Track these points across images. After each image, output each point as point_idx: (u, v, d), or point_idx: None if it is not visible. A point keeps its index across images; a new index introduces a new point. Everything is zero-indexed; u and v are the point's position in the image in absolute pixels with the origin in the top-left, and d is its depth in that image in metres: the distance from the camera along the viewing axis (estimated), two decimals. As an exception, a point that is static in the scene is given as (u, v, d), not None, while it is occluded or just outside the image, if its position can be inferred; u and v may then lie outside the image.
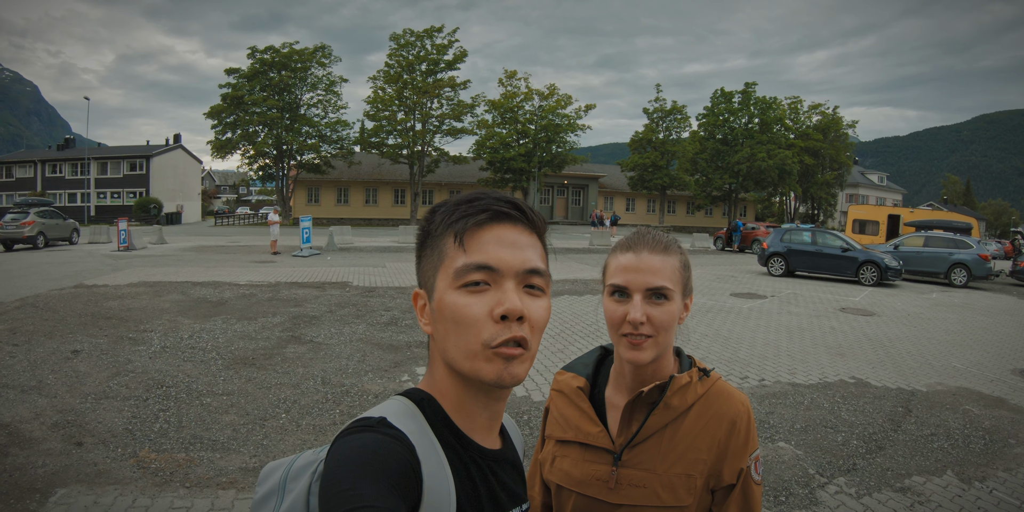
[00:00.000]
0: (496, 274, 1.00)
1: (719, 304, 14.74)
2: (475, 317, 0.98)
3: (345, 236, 32.33)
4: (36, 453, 5.22)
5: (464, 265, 0.99)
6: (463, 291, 1.00)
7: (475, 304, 0.99)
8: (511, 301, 0.98)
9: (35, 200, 31.34)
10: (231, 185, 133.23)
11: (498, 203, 1.04)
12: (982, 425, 6.74)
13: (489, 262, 1.00)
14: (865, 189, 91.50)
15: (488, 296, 0.99)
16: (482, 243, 1.01)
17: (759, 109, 63.14)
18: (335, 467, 0.87)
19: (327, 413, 6.44)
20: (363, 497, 0.81)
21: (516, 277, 1.01)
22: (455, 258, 1.01)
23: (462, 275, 0.99)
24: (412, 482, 0.90)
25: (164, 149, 72.00)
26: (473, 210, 1.02)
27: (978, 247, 22.57)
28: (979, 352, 10.47)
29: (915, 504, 4.80)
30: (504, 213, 1.04)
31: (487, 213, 1.02)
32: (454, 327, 0.99)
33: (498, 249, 1.01)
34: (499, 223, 1.03)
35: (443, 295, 1.01)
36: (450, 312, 1.00)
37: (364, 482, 0.83)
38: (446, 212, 1.05)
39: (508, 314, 0.98)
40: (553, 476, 1.62)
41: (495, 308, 0.98)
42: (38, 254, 24.46)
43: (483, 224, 1.02)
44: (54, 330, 9.70)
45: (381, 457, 0.88)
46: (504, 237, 1.03)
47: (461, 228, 1.01)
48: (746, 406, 1.55)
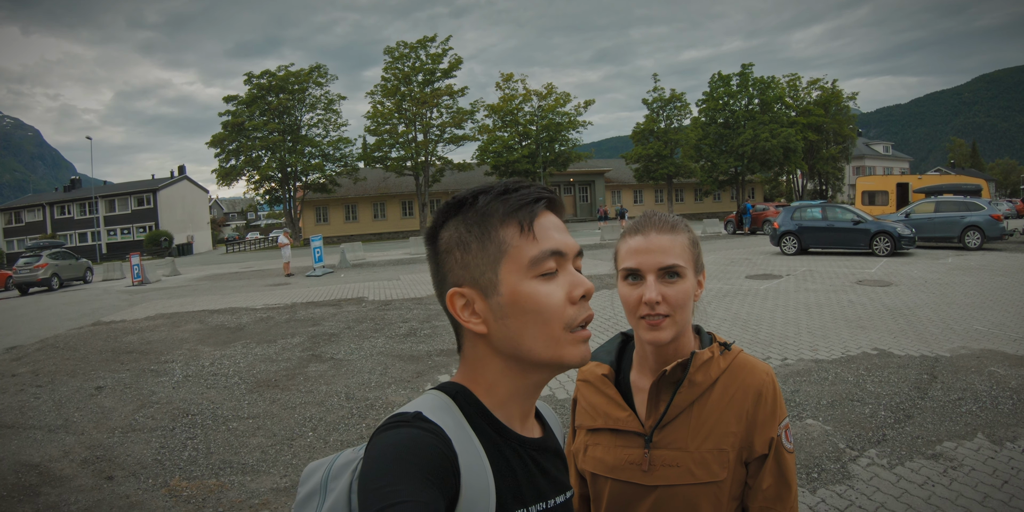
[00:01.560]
0: (563, 259, 1.03)
1: (735, 287, 14.70)
2: (559, 302, 1.00)
3: (357, 252, 32.43)
4: (68, 490, 5.25)
5: (541, 252, 1.01)
6: (539, 280, 1.01)
7: (556, 290, 1.01)
8: (586, 282, 1.03)
9: (46, 243, 31.64)
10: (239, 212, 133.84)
11: (544, 191, 1.06)
12: (1009, 385, 6.69)
13: (560, 248, 1.02)
14: (871, 160, 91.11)
15: (561, 280, 1.02)
16: (546, 229, 1.03)
17: (758, 89, 62.97)
18: (371, 464, 0.87)
19: (354, 428, 6.46)
20: (400, 493, 0.81)
21: (574, 259, 1.06)
22: (526, 247, 1.01)
23: (539, 263, 1.01)
24: (449, 475, 0.89)
25: (170, 182, 72.44)
26: (528, 199, 1.04)
27: (989, 208, 22.37)
28: (1000, 313, 10.40)
29: (948, 469, 4.77)
30: (553, 200, 1.07)
31: (543, 201, 1.05)
32: (535, 317, 1.00)
33: (558, 234, 1.04)
34: (549, 210, 1.07)
35: (517, 286, 1.01)
36: (532, 302, 1.00)
37: (401, 477, 0.83)
38: (494, 201, 1.04)
39: (587, 294, 1.03)
40: (587, 465, 1.62)
41: (572, 290, 1.02)
42: (54, 296, 24.65)
43: (540, 211, 1.04)
44: (76, 368, 9.76)
45: (417, 451, 0.88)
46: (557, 223, 1.07)
47: (526, 216, 1.02)
48: (770, 376, 1.55)
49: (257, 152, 57.13)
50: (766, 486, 1.49)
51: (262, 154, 57.55)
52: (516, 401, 1.07)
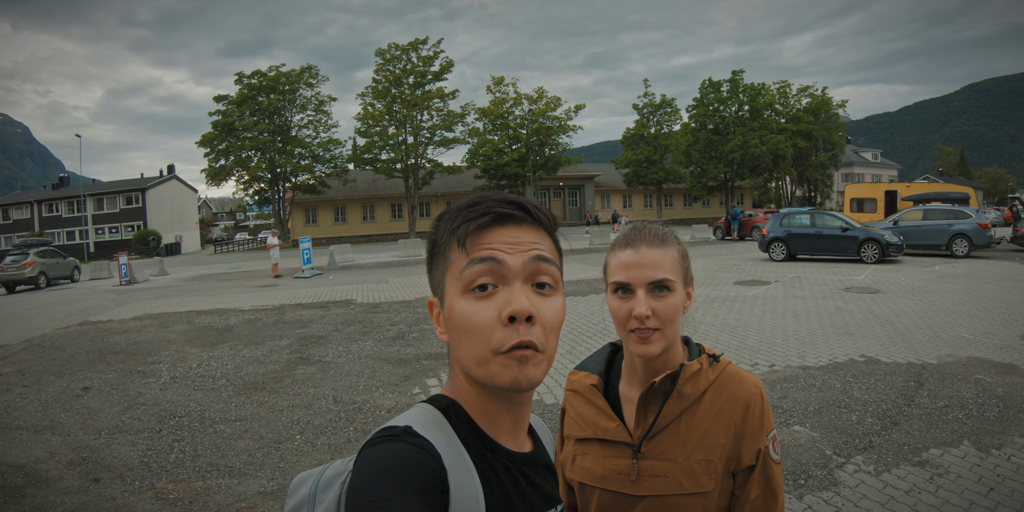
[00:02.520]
0: (502, 269, 0.97)
1: (723, 293, 14.74)
2: (483, 323, 0.96)
3: (345, 254, 32.36)
4: (54, 492, 5.22)
5: (468, 263, 0.98)
6: (470, 297, 0.98)
7: (483, 310, 0.97)
8: (518, 301, 0.96)
9: (34, 241, 31.46)
10: (228, 212, 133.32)
11: (500, 205, 1.01)
12: (995, 393, 6.73)
13: (492, 255, 0.97)
14: (860, 167, 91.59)
15: (496, 299, 0.97)
16: (484, 244, 0.99)
17: (748, 96, 63.26)
18: (360, 479, 0.86)
19: (341, 431, 6.44)
20: (389, 509, 0.81)
21: (523, 274, 0.99)
22: (460, 262, 0.99)
23: (467, 276, 0.97)
24: (439, 491, 0.89)
25: (159, 181, 72.16)
26: (474, 214, 1.00)
27: (977, 216, 22.49)
28: (987, 321, 10.46)
29: (934, 476, 4.80)
30: (507, 214, 1.01)
31: (489, 216, 1.00)
32: (464, 335, 0.98)
33: (502, 248, 0.99)
34: (503, 225, 1.01)
35: (452, 301, 1.00)
36: (459, 320, 0.98)
37: (390, 494, 0.83)
38: (449, 219, 1.03)
39: (516, 315, 0.95)
40: (575, 475, 1.63)
41: (503, 310, 0.96)
42: (41, 294, 24.52)
43: (485, 227, 1.00)
44: (63, 369, 9.71)
45: (406, 467, 0.87)
46: (508, 236, 1.00)
47: (463, 232, 0.99)
48: (758, 387, 1.56)
49: (247, 152, 57.04)
50: (753, 497, 1.49)
51: (252, 154, 57.46)
52: (497, 414, 1.06)
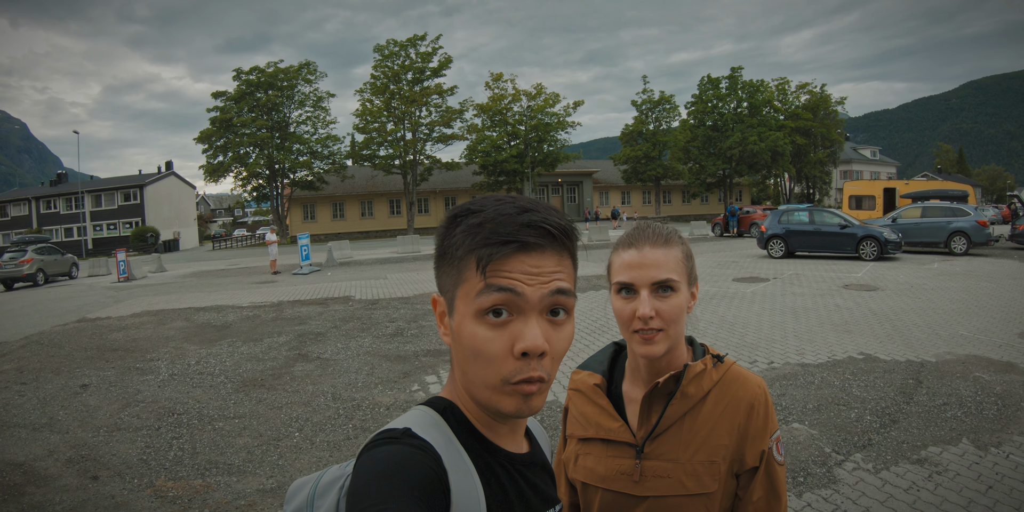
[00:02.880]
0: (519, 301, 0.93)
1: (722, 290, 14.74)
2: (494, 353, 0.93)
3: (344, 251, 32.35)
4: (53, 490, 5.22)
5: (484, 289, 0.93)
6: (483, 322, 0.94)
7: (495, 339, 0.93)
8: (533, 337, 0.93)
9: (32, 237, 31.37)
10: (226, 208, 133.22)
11: (524, 231, 0.94)
12: (994, 391, 6.73)
13: (512, 286, 0.93)
14: (859, 164, 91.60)
15: (510, 329, 0.94)
16: (504, 271, 0.94)
17: (747, 93, 63.28)
18: (360, 482, 0.86)
19: (340, 429, 6.44)
20: (390, 511, 0.80)
21: (540, 306, 0.95)
22: (475, 283, 0.94)
23: (482, 302, 0.93)
24: (439, 493, 0.89)
25: (157, 177, 72.08)
26: (498, 239, 0.93)
27: (975, 214, 22.54)
28: (985, 318, 10.47)
29: (933, 474, 4.80)
30: (532, 244, 0.95)
31: (514, 245, 0.94)
32: (472, 358, 0.96)
33: (522, 276, 0.94)
34: (526, 252, 0.95)
35: (463, 321, 0.96)
36: (469, 342, 0.95)
37: (390, 496, 0.82)
38: (469, 231, 0.96)
39: (529, 352, 0.92)
40: (578, 474, 1.63)
41: (516, 343, 0.93)
42: (39, 291, 24.49)
43: (508, 255, 0.94)
44: (61, 366, 9.71)
45: (407, 469, 0.87)
46: (528, 266, 0.95)
47: (485, 257, 0.93)
48: (762, 388, 1.56)
49: (245, 148, 57.07)
50: (756, 498, 1.49)
51: (250, 151, 57.47)
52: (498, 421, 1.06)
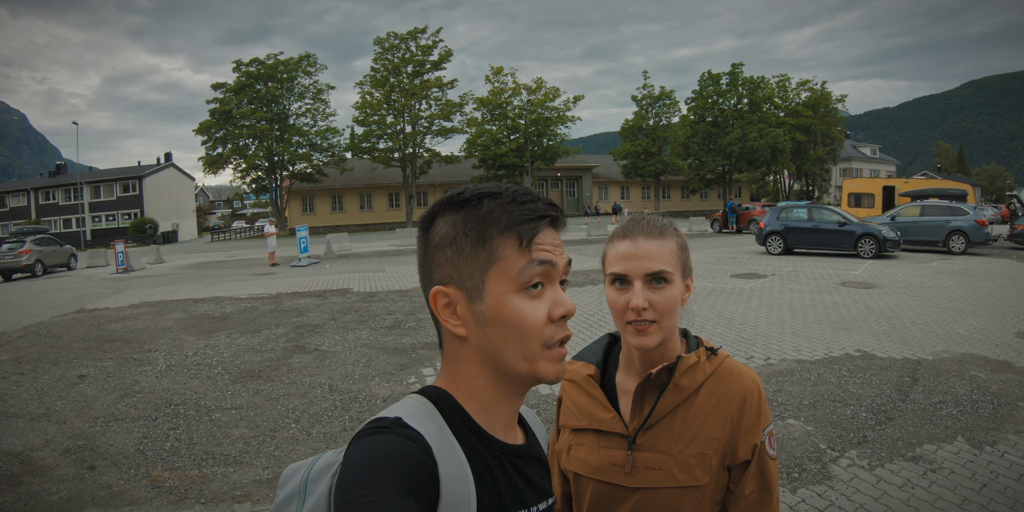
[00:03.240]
0: (553, 271, 1.03)
1: (720, 286, 14.75)
2: (539, 320, 1.00)
3: (343, 243, 32.32)
4: (49, 480, 5.23)
5: (530, 263, 1.00)
6: (525, 295, 1.01)
7: (538, 309, 1.01)
8: (568, 303, 1.03)
9: (30, 228, 31.40)
10: (225, 200, 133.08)
11: (551, 208, 1.05)
12: (989, 389, 6.75)
13: (551, 259, 1.02)
14: (858, 162, 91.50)
15: (545, 298, 1.02)
16: (541, 244, 1.02)
17: (747, 89, 63.10)
18: (349, 472, 0.85)
19: (336, 420, 6.46)
20: (376, 504, 0.80)
21: (562, 274, 1.06)
22: (518, 261, 1.00)
23: (527, 275, 1.00)
24: (428, 484, 0.88)
25: (156, 169, 71.97)
26: (532, 214, 1.02)
27: (974, 213, 22.57)
28: (982, 317, 10.49)
29: (927, 472, 4.82)
30: (557, 218, 1.06)
31: (547, 219, 1.04)
32: (515, 331, 1.00)
33: (551, 249, 1.04)
34: (551, 227, 1.06)
35: (502, 299, 1.00)
36: (514, 317, 1.00)
37: (378, 488, 0.82)
38: (498, 209, 1.02)
39: (568, 314, 1.03)
40: (570, 465, 1.63)
41: (553, 309, 1.02)
42: (37, 282, 24.48)
43: (544, 229, 1.04)
44: (59, 356, 9.71)
45: (395, 460, 0.86)
46: (553, 239, 1.06)
47: (528, 231, 1.01)
48: (756, 382, 1.56)
49: (244, 140, 56.89)
50: (748, 492, 1.49)
51: (249, 142, 57.30)
52: (499, 407, 1.07)
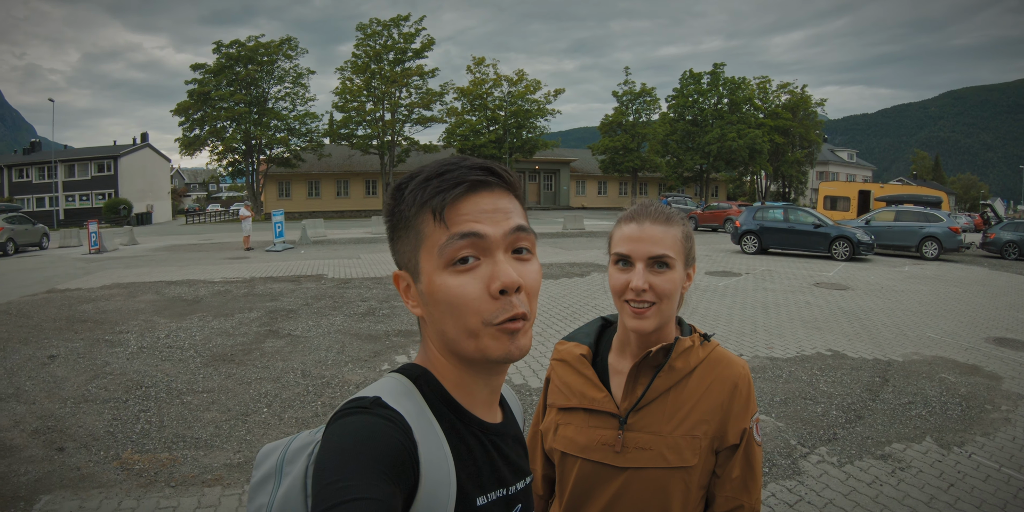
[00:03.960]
0: (484, 243, 0.95)
1: (695, 282, 14.78)
2: (471, 297, 0.94)
3: (318, 229, 32.15)
4: (18, 461, 5.16)
5: (448, 239, 0.94)
6: (452, 271, 0.95)
7: (468, 283, 0.94)
8: (506, 273, 0.94)
9: (3, 206, 30.86)
10: (201, 183, 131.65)
11: (472, 172, 0.98)
12: (959, 392, 6.85)
13: (475, 230, 0.94)
14: (835, 166, 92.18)
15: (480, 271, 0.95)
16: (461, 215, 0.95)
17: (728, 89, 63.47)
18: (327, 456, 0.84)
19: (309, 405, 6.43)
20: (353, 489, 0.78)
21: (504, 243, 0.97)
22: (437, 236, 0.95)
23: (448, 252, 0.94)
24: (407, 466, 0.87)
25: (132, 149, 71.06)
26: (447, 184, 0.96)
27: (948, 220, 22.84)
28: (953, 322, 10.62)
29: (896, 470, 4.88)
30: (481, 181, 0.98)
31: (463, 185, 0.96)
32: (450, 310, 0.95)
33: (480, 218, 0.96)
34: (476, 192, 0.97)
35: (432, 277, 0.96)
36: (443, 295, 0.95)
37: (356, 472, 0.81)
38: (417, 188, 0.98)
39: (507, 288, 0.94)
40: (557, 444, 1.64)
41: (490, 283, 0.94)
42: (8, 261, 24.14)
43: (460, 197, 0.96)
44: (29, 336, 9.59)
45: (374, 443, 0.85)
46: (484, 205, 0.97)
47: (439, 204, 0.95)
48: (746, 370, 1.59)
49: (222, 123, 56.31)
50: (735, 476, 1.52)
51: (227, 125, 56.72)
52: (473, 385, 1.05)
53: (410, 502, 0.89)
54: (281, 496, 0.95)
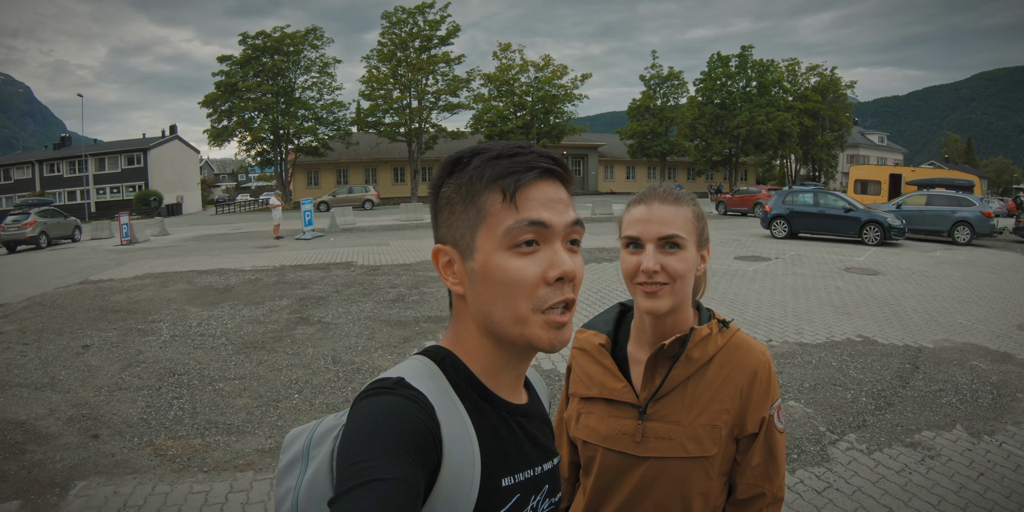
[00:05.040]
0: (548, 231, 0.98)
1: (724, 267, 14.74)
2: (529, 280, 0.96)
3: (347, 217, 32.30)
4: (53, 448, 5.27)
5: (517, 222, 0.96)
6: (514, 252, 0.97)
7: (528, 266, 0.97)
8: (565, 262, 0.98)
9: (35, 200, 31.25)
10: (230, 173, 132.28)
11: (542, 160, 1.00)
12: (989, 380, 6.77)
13: (543, 219, 0.97)
14: (865, 149, 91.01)
15: (539, 257, 0.98)
16: (531, 200, 0.98)
17: (756, 72, 62.85)
18: (350, 436, 0.86)
19: (339, 391, 6.50)
20: (376, 469, 0.80)
21: (563, 234, 1.00)
22: (504, 216, 0.97)
23: (515, 234, 0.96)
24: (431, 446, 0.89)
25: (161, 141, 71.60)
26: (520, 166, 0.99)
27: (980, 204, 22.41)
28: (984, 308, 10.49)
29: (926, 458, 4.85)
30: (549, 170, 1.01)
31: (536, 170, 0.99)
32: (503, 291, 0.97)
33: (547, 206, 0.99)
34: (544, 180, 1.01)
35: (490, 256, 0.98)
36: (501, 275, 0.97)
37: (379, 452, 0.82)
38: (485, 164, 1.00)
39: (564, 276, 0.97)
40: (580, 433, 1.65)
41: (548, 270, 0.97)
42: (42, 254, 24.47)
43: (531, 181, 0.99)
44: (63, 327, 9.74)
45: (397, 423, 0.87)
46: (550, 194, 1.01)
47: (511, 185, 0.97)
48: (766, 356, 1.58)
49: (250, 113, 56.48)
50: (755, 464, 1.53)
51: (255, 115, 56.90)
52: (501, 369, 1.06)
53: (433, 482, 0.90)
54: (308, 479, 0.97)
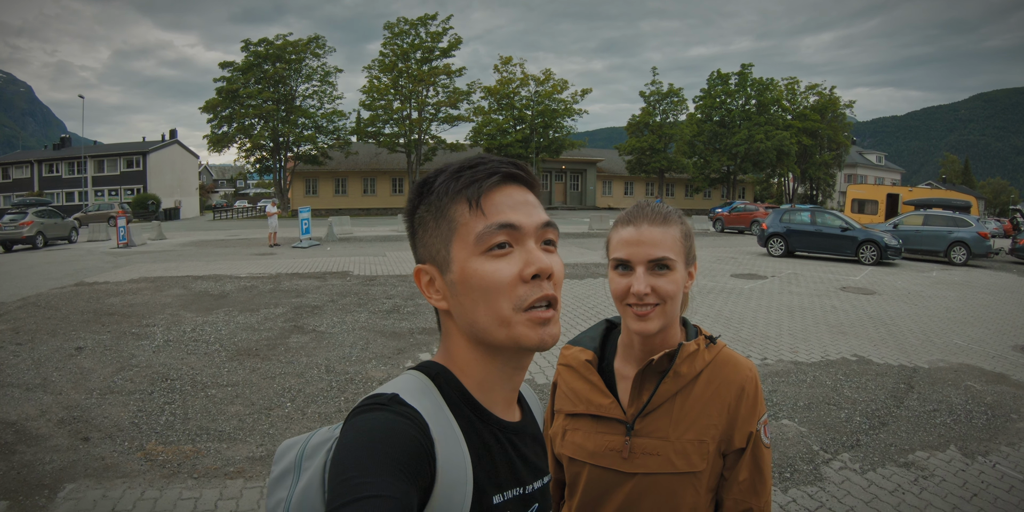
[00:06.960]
0: (519, 233, 0.99)
1: (720, 285, 14.75)
2: (505, 280, 0.97)
3: (344, 226, 32.27)
4: (43, 450, 5.24)
5: (486, 227, 0.97)
6: (488, 256, 0.98)
7: (504, 267, 0.97)
8: (540, 259, 0.98)
9: (33, 200, 31.27)
10: (228, 179, 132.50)
11: (503, 166, 1.03)
12: (984, 401, 6.77)
13: (512, 220, 0.99)
14: (863, 169, 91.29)
15: (514, 257, 0.98)
16: (497, 205, 1.00)
17: (756, 90, 63.17)
18: (343, 452, 0.85)
19: (332, 401, 6.48)
20: (369, 486, 0.79)
21: (535, 234, 1.01)
22: (473, 224, 0.98)
23: (486, 239, 0.97)
24: (424, 463, 0.88)
25: (160, 145, 71.65)
26: (481, 174, 1.00)
27: (977, 225, 22.46)
28: (980, 329, 10.49)
29: (919, 478, 4.83)
30: (512, 174, 1.03)
31: (497, 175, 1.01)
32: (483, 295, 0.97)
33: (514, 209, 1.00)
34: (508, 185, 1.03)
35: (466, 264, 0.99)
36: (478, 279, 0.97)
37: (372, 469, 0.81)
38: (449, 179, 1.02)
39: (540, 273, 0.98)
40: (565, 450, 1.64)
41: (524, 268, 0.97)
42: (38, 254, 24.44)
43: (494, 187, 1.01)
44: (57, 328, 9.72)
45: (391, 440, 0.86)
46: (516, 198, 1.02)
47: (474, 193, 0.99)
48: (753, 372, 1.58)
49: (250, 120, 56.65)
50: (742, 478, 1.52)
51: (255, 122, 57.06)
52: (495, 382, 1.06)
53: (426, 499, 0.90)
54: (299, 491, 0.97)
